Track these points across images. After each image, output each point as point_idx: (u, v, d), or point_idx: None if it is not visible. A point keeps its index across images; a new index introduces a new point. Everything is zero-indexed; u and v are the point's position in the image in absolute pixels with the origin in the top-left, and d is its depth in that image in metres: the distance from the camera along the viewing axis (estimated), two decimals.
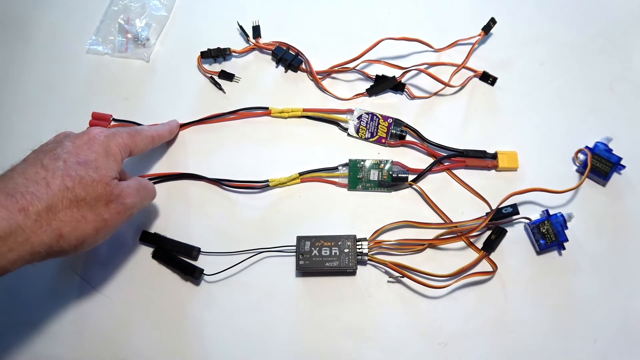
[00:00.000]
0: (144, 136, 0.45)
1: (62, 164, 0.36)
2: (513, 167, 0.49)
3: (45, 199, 0.34)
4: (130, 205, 0.40)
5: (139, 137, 0.44)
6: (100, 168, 0.38)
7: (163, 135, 0.49)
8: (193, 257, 0.47)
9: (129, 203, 0.39)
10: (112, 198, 0.38)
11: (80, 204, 0.36)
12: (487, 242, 0.46)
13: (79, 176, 0.36)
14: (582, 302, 0.45)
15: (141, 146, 0.44)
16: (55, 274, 0.47)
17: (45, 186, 0.35)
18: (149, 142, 0.45)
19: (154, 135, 0.46)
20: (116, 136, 0.41)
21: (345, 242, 0.45)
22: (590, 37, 0.55)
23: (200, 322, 0.46)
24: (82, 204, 0.36)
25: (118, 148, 0.40)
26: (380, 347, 0.44)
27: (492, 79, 0.53)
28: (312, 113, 0.52)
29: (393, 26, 0.56)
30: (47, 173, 0.35)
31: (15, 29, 0.58)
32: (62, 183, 0.35)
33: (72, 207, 0.36)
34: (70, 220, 0.35)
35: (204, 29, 0.57)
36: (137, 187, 0.41)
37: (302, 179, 0.49)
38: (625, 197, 0.48)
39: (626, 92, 0.53)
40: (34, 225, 0.34)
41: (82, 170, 0.36)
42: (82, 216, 0.36)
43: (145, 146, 0.45)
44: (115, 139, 0.40)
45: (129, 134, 0.42)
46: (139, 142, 0.43)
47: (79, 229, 0.36)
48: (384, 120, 0.51)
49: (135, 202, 0.40)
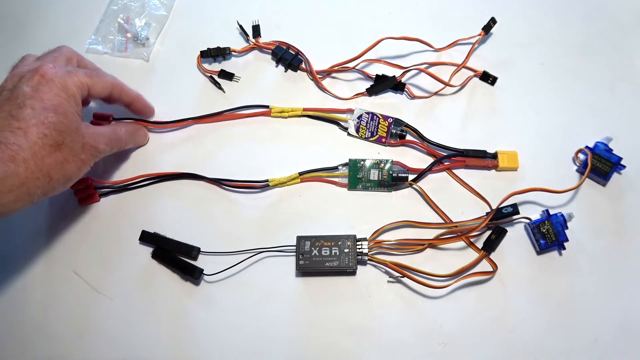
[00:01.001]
0: (104, 80, 0.44)
1: (30, 111, 0.37)
2: (513, 167, 0.49)
3: (26, 147, 0.36)
4: (102, 150, 0.43)
5: (98, 79, 0.43)
6: (67, 113, 0.39)
7: (126, 92, 0.48)
8: (193, 257, 0.47)
9: (101, 148, 0.43)
10: (85, 141, 0.41)
11: (60, 147, 0.38)
12: (487, 242, 0.46)
13: (52, 123, 0.38)
14: (582, 302, 0.45)
15: (99, 88, 0.44)
16: (55, 274, 0.47)
17: (23, 136, 0.36)
18: (107, 86, 0.45)
19: (116, 83, 0.46)
20: (72, 75, 0.41)
21: (345, 242, 0.45)
22: (590, 37, 0.55)
23: (200, 322, 0.46)
24: (62, 147, 0.38)
25: (75, 87, 0.41)
26: (380, 347, 0.44)
27: (492, 78, 0.53)
28: (313, 112, 0.52)
29: (393, 26, 0.56)
30: (20, 123, 0.37)
31: (15, 28, 0.58)
32: (39, 132, 0.37)
33: (55, 152, 0.38)
34: (56, 164, 0.38)
35: (204, 29, 0.57)
36: (109, 136, 0.44)
37: (302, 178, 0.49)
38: (625, 197, 0.49)
39: (626, 92, 0.53)
40: (25, 172, 0.36)
41: (53, 116, 0.38)
42: (65, 158, 0.39)
43: (104, 89, 0.44)
44: (71, 78, 0.41)
45: (85, 74, 0.42)
46: (98, 84, 0.43)
47: (65, 170, 0.39)
48: (384, 119, 0.51)
49: (106, 148, 0.43)
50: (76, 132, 0.39)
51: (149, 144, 0.52)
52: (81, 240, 0.48)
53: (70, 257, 0.48)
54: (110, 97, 0.46)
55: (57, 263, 0.48)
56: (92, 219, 0.49)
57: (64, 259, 0.48)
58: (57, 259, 0.48)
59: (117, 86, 0.46)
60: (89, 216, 0.49)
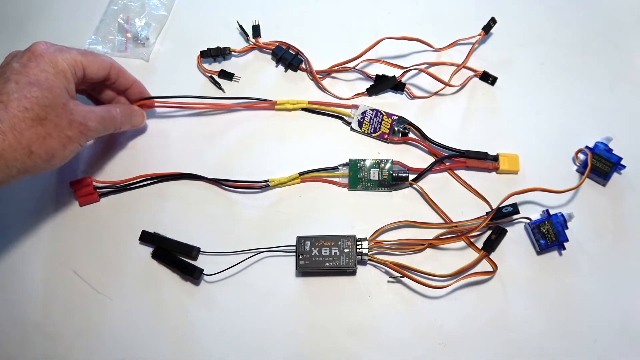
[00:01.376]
0: (100, 59, 0.44)
1: (14, 85, 0.37)
2: (514, 170, 0.49)
3: (6, 120, 0.36)
4: (92, 128, 0.42)
5: (93, 57, 0.43)
6: (53, 88, 0.39)
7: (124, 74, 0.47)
8: (193, 257, 0.47)
9: (91, 126, 0.42)
10: (73, 117, 0.40)
11: (43, 122, 0.38)
12: (487, 242, 0.46)
13: (34, 97, 0.37)
14: (582, 302, 0.45)
15: (95, 67, 0.43)
16: (55, 274, 0.47)
17: (4, 109, 0.36)
18: (105, 66, 0.44)
19: (113, 63, 0.45)
20: (64, 51, 0.41)
21: (345, 242, 0.45)
22: (590, 37, 0.55)
23: (200, 322, 0.46)
24: (44, 122, 0.38)
25: (66, 63, 0.40)
26: (380, 347, 0.44)
27: (492, 78, 0.53)
28: (317, 106, 0.52)
29: (393, 26, 0.56)
30: (2, 97, 0.37)
31: (14, 28, 0.58)
32: (20, 105, 0.37)
33: (37, 126, 0.38)
34: (36, 137, 0.38)
35: (204, 28, 0.57)
36: (102, 114, 0.43)
37: (302, 178, 0.49)
38: (625, 197, 0.49)
39: (626, 92, 0.53)
40: (2, 143, 0.36)
41: (37, 91, 0.38)
42: (47, 133, 0.38)
43: (101, 69, 0.44)
44: (62, 54, 0.40)
45: (79, 52, 0.42)
46: (93, 62, 0.43)
47: (47, 145, 0.38)
48: (388, 116, 0.51)
49: (97, 126, 0.42)
50: (62, 107, 0.39)
51: (148, 143, 0.52)
52: (81, 240, 0.48)
53: (70, 257, 0.48)
54: (109, 78, 0.46)
55: (57, 263, 0.48)
56: (92, 219, 0.49)
57: (64, 259, 0.48)
58: (57, 259, 0.48)
59: (115, 67, 0.46)
60: (89, 216, 0.49)
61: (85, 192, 0.49)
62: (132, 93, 0.49)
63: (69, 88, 0.40)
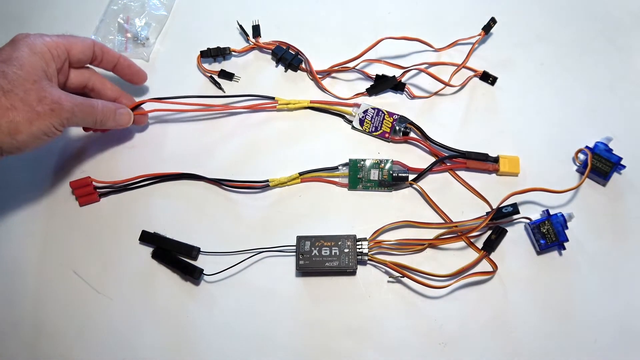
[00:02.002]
0: (82, 39, 0.45)
1: None
2: (514, 173, 0.49)
3: None
4: (67, 108, 0.41)
5: (74, 38, 0.44)
6: (25, 65, 0.39)
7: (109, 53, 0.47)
8: (193, 257, 0.47)
9: (66, 106, 0.40)
10: (45, 95, 0.39)
11: (7, 94, 0.38)
12: (487, 242, 0.46)
13: (2, 72, 0.38)
14: (582, 302, 0.45)
15: (79, 47, 0.44)
16: (55, 274, 0.47)
17: None
18: (88, 45, 0.45)
19: (95, 41, 0.46)
20: (43, 36, 0.42)
21: (345, 242, 0.45)
22: (590, 37, 0.55)
23: (200, 322, 0.46)
24: (9, 94, 0.38)
25: (46, 46, 0.41)
26: (380, 347, 0.44)
27: (492, 78, 0.53)
28: (319, 105, 0.52)
29: (393, 26, 0.56)
30: None
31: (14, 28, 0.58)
32: None
33: (0, 97, 0.37)
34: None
35: (204, 28, 0.57)
36: (81, 102, 0.42)
37: (302, 178, 0.49)
38: (625, 197, 0.49)
39: (626, 92, 0.53)
40: None
41: (5, 67, 0.38)
42: (12, 105, 0.38)
43: (85, 48, 0.45)
44: (42, 38, 0.41)
45: (59, 35, 0.43)
46: (75, 42, 0.44)
47: (10, 116, 0.38)
48: (390, 115, 0.51)
49: (73, 109, 0.41)
50: (33, 83, 0.39)
51: (148, 143, 0.52)
52: (81, 240, 0.48)
53: (70, 257, 0.48)
54: (95, 57, 0.46)
55: (57, 263, 0.48)
56: (92, 219, 0.49)
57: (64, 259, 0.48)
58: (57, 259, 0.48)
59: (98, 44, 0.46)
60: (89, 216, 0.49)
61: (85, 192, 0.49)
62: (123, 70, 0.49)
63: (48, 70, 0.41)
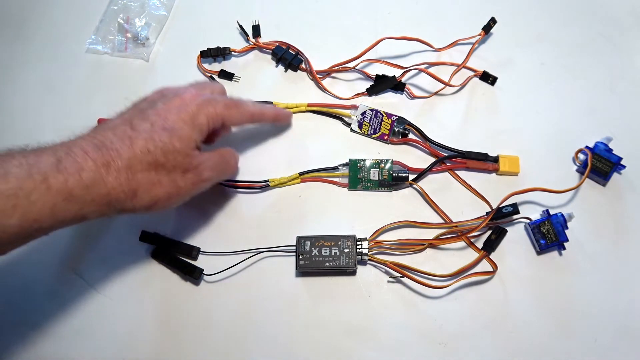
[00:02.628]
0: (243, 110, 0.44)
1: (148, 126, 0.37)
2: (514, 172, 0.49)
3: (126, 157, 0.35)
4: (207, 178, 0.41)
5: (236, 110, 0.43)
6: (184, 138, 0.38)
7: (266, 115, 0.48)
8: (193, 257, 0.47)
9: (206, 176, 0.41)
10: (190, 168, 0.39)
11: (158, 168, 0.37)
12: (487, 242, 0.46)
13: (162, 142, 0.37)
14: (582, 302, 0.45)
15: (236, 119, 0.43)
16: (55, 274, 0.47)
17: (129, 145, 0.36)
18: (246, 117, 0.44)
19: (255, 112, 0.46)
20: (209, 106, 0.40)
21: (345, 242, 0.45)
22: (590, 37, 0.55)
23: (200, 322, 0.46)
24: (159, 168, 0.37)
25: (207, 118, 0.40)
26: (380, 347, 0.44)
27: (492, 78, 0.53)
28: (317, 108, 0.52)
29: (393, 26, 0.56)
30: (133, 133, 0.37)
31: (14, 28, 0.58)
32: (145, 146, 0.36)
33: (150, 170, 0.37)
34: (146, 182, 0.37)
35: (204, 28, 0.57)
36: (217, 161, 0.42)
37: (302, 178, 0.49)
38: (625, 197, 0.48)
39: (626, 92, 0.53)
40: (114, 181, 0.35)
41: (166, 137, 0.37)
42: (158, 180, 0.37)
43: (242, 120, 0.44)
44: (206, 109, 0.40)
45: (225, 105, 0.42)
46: (235, 115, 0.43)
47: (152, 192, 0.37)
48: (388, 117, 0.51)
49: (212, 175, 0.42)
50: (184, 157, 0.38)
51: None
52: (81, 240, 0.48)
53: (70, 257, 0.48)
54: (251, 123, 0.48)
55: (57, 263, 0.48)
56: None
57: (64, 259, 0.48)
58: (57, 259, 0.48)
59: (257, 114, 0.46)
60: None
61: None
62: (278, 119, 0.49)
63: (200, 140, 0.40)
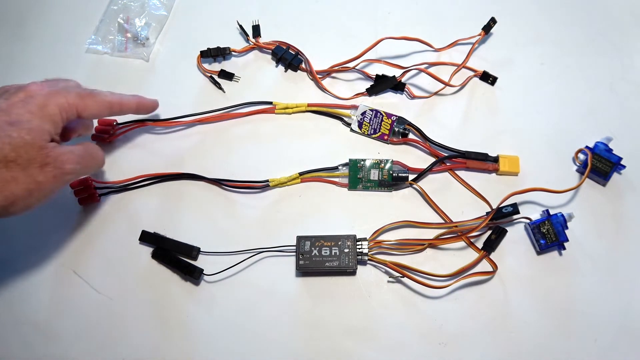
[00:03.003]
0: (99, 100, 0.41)
1: None
2: (514, 172, 0.49)
3: None
4: (69, 170, 0.39)
5: (92, 100, 0.41)
6: (34, 130, 0.36)
7: (127, 105, 0.45)
8: (193, 257, 0.47)
9: (68, 169, 0.38)
10: (48, 161, 0.37)
11: (9, 164, 0.35)
12: (487, 242, 0.46)
13: (8, 137, 0.35)
14: (582, 302, 0.45)
15: (93, 110, 0.41)
16: (55, 274, 0.47)
17: None
18: (104, 107, 0.42)
19: (114, 101, 0.43)
20: (59, 95, 0.38)
21: (345, 242, 0.45)
22: (590, 37, 0.55)
23: (200, 322, 0.46)
24: (11, 165, 0.35)
25: (58, 108, 0.38)
26: (380, 347, 0.44)
27: (492, 78, 0.53)
28: (317, 108, 0.52)
29: (393, 25, 0.56)
30: None
31: (14, 28, 0.58)
32: None
33: (1, 168, 0.35)
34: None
35: (204, 28, 0.57)
36: (80, 154, 0.40)
37: (302, 178, 0.49)
38: (625, 197, 0.49)
39: (626, 92, 0.53)
40: None
41: (13, 131, 0.35)
42: (12, 177, 0.35)
43: (99, 111, 0.42)
44: (56, 98, 0.38)
45: (78, 95, 0.40)
46: (91, 105, 0.41)
47: (7, 190, 0.35)
48: (388, 117, 0.51)
49: (75, 168, 0.39)
50: (38, 150, 0.36)
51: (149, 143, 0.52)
52: (81, 240, 0.48)
53: (70, 257, 0.48)
54: (111, 114, 0.44)
55: (57, 263, 0.48)
56: (92, 219, 0.49)
57: (64, 259, 0.48)
58: (57, 259, 0.48)
59: (116, 104, 0.44)
60: (89, 216, 0.49)
61: (85, 192, 0.49)
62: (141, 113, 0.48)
63: (54, 131, 0.38)
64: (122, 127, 0.51)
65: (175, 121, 0.51)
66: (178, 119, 0.51)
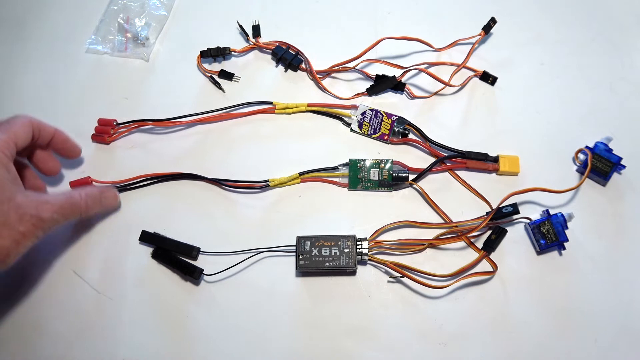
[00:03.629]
0: (19, 122, 0.41)
1: None
2: (514, 172, 0.49)
3: None
4: (48, 219, 0.39)
5: (15, 125, 0.40)
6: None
7: (45, 127, 0.44)
8: (193, 257, 0.47)
9: (46, 217, 0.38)
10: (23, 211, 0.37)
11: None
12: (487, 242, 0.46)
13: None
14: (582, 302, 0.45)
15: (22, 136, 0.40)
16: (55, 274, 0.47)
17: None
18: (26, 127, 0.41)
19: (32, 121, 0.42)
20: None
21: (345, 242, 0.45)
22: (590, 37, 0.55)
23: (200, 322, 0.46)
24: None
25: (2, 153, 0.38)
26: (380, 347, 0.44)
27: (492, 78, 0.53)
28: (317, 108, 0.52)
29: (393, 25, 0.56)
30: None
31: (14, 28, 0.58)
32: None
33: None
34: None
35: (204, 28, 0.57)
36: (60, 204, 0.40)
37: (302, 178, 0.49)
38: (625, 197, 0.49)
39: (626, 92, 0.53)
40: None
41: None
42: None
43: (26, 133, 0.41)
44: None
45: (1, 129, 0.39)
46: (17, 132, 0.40)
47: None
48: (388, 117, 0.51)
49: (54, 217, 0.39)
50: (8, 202, 0.36)
51: (148, 143, 0.52)
52: (81, 240, 0.48)
53: (70, 257, 0.48)
54: (33, 136, 0.42)
55: (57, 263, 0.48)
56: (92, 219, 0.49)
57: (64, 259, 0.48)
58: (57, 259, 0.48)
59: (34, 122, 0.42)
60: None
61: None
62: (57, 142, 0.46)
63: (10, 175, 0.38)
64: (122, 127, 0.51)
65: (175, 121, 0.51)
66: (178, 119, 0.51)
